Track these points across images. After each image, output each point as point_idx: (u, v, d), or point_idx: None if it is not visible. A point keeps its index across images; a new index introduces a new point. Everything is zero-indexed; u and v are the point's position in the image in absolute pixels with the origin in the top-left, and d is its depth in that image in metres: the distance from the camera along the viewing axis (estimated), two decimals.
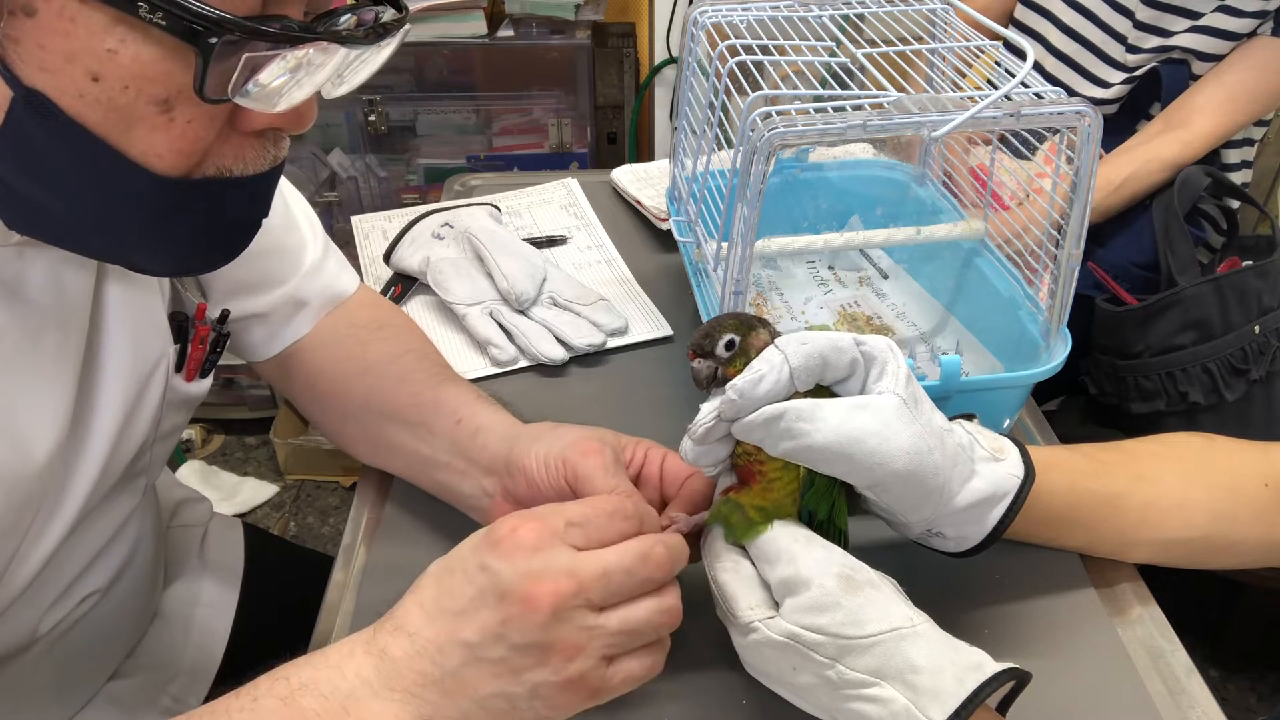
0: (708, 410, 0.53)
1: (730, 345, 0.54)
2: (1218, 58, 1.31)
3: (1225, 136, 1.31)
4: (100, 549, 0.70)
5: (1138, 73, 1.38)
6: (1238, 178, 1.41)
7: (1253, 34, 1.29)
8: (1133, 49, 1.38)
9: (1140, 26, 1.37)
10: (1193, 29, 1.31)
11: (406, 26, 0.50)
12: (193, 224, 0.51)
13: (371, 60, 0.49)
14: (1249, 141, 1.40)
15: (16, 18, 0.41)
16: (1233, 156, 1.40)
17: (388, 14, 0.50)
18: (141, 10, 0.40)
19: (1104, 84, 1.40)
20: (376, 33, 0.48)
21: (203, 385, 0.71)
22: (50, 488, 0.58)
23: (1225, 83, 1.30)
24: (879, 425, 0.51)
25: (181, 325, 0.68)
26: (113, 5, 0.40)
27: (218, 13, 0.41)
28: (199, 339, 0.69)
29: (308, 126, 0.51)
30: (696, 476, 0.61)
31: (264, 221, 0.73)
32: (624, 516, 0.49)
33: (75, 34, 0.41)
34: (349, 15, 0.48)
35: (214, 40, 0.42)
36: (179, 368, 0.68)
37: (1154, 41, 1.35)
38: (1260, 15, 1.27)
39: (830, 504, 0.56)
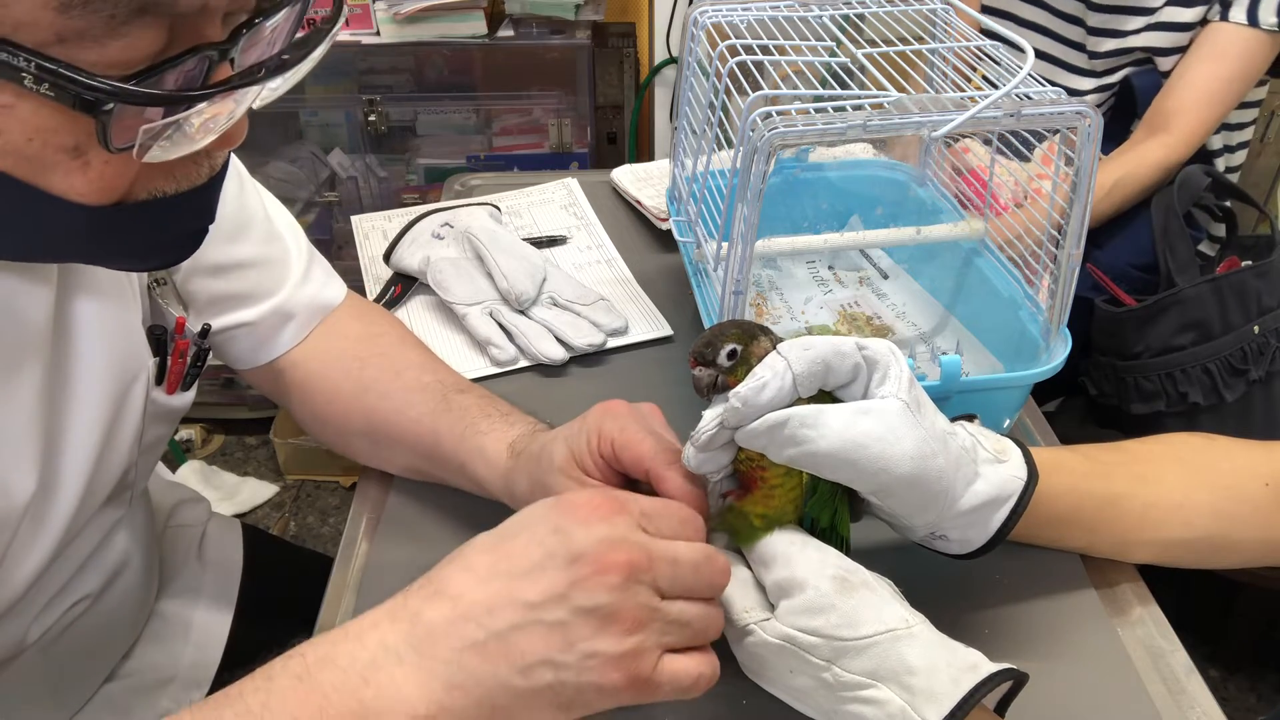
0: (710, 417, 0.53)
1: (732, 355, 0.53)
2: (1179, 50, 1.33)
3: (1208, 130, 1.34)
4: (87, 557, 0.69)
5: (1108, 79, 1.40)
6: (1220, 163, 1.43)
7: (1204, 22, 1.31)
8: (1093, 54, 1.40)
9: (1094, 31, 1.39)
10: (1149, 26, 1.34)
11: (336, 28, 0.47)
12: (133, 241, 0.50)
13: (302, 68, 0.46)
14: (1226, 127, 1.43)
15: None
16: (1216, 142, 1.42)
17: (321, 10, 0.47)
18: (26, 81, 0.38)
19: (1078, 93, 1.42)
20: (286, 64, 0.44)
21: (185, 398, 0.70)
22: (28, 513, 0.57)
23: (1191, 79, 1.32)
24: (883, 430, 0.51)
25: (160, 339, 0.66)
26: None
27: (106, 83, 0.39)
28: (178, 352, 0.67)
29: (239, 143, 0.49)
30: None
31: (245, 235, 0.73)
32: (695, 527, 0.49)
33: None
34: (284, 10, 0.45)
35: (108, 108, 0.40)
36: (159, 381, 0.67)
37: (1111, 44, 1.38)
38: (1207, 1, 1.29)
39: (833, 511, 0.56)
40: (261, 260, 0.74)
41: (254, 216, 0.74)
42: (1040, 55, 1.44)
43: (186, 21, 0.41)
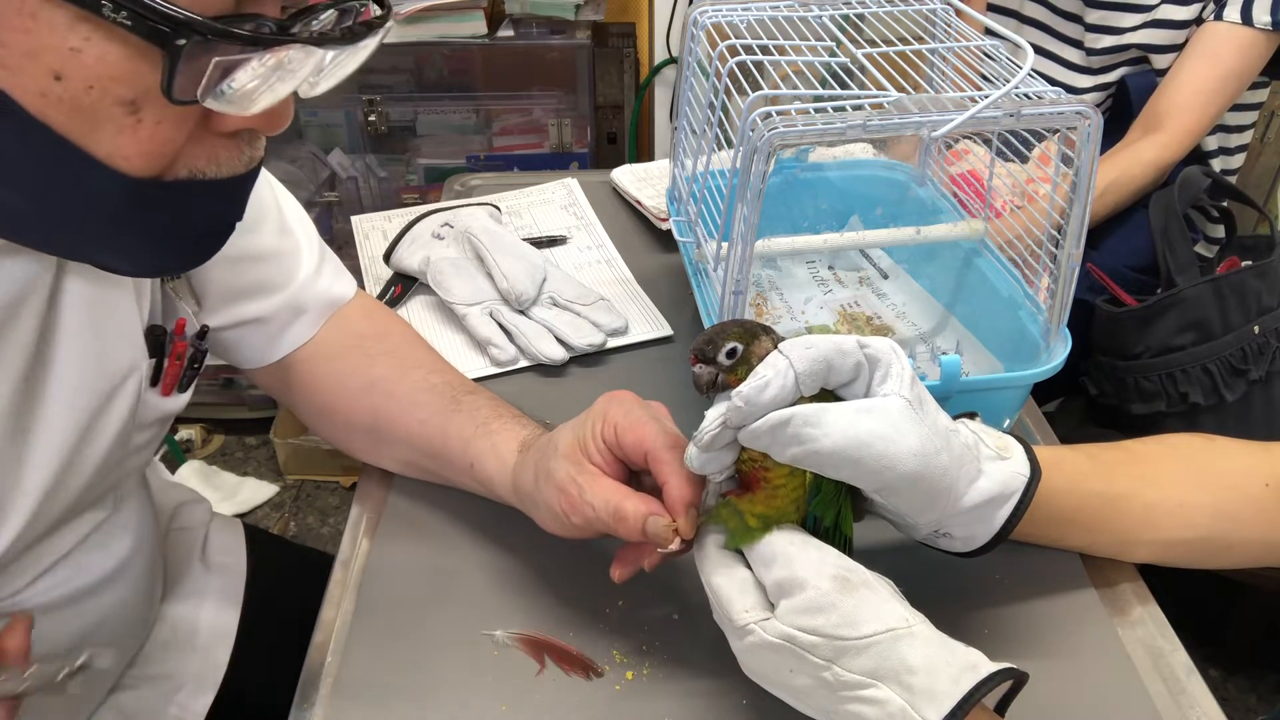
0: (713, 417, 0.53)
1: (732, 354, 0.53)
2: (1175, 47, 1.34)
3: (1203, 130, 1.35)
4: (81, 561, 0.67)
5: (1105, 78, 1.41)
6: (1216, 164, 1.44)
7: (1199, 20, 1.32)
8: (1090, 51, 1.41)
9: (1092, 28, 1.40)
10: (1145, 24, 1.35)
11: (389, 24, 0.48)
12: (163, 226, 0.50)
13: (350, 60, 0.48)
14: (1223, 129, 1.43)
15: None
16: (1211, 144, 1.42)
17: (371, 10, 0.48)
18: (105, 9, 0.39)
19: (1077, 91, 1.43)
20: (355, 33, 0.46)
21: (180, 400, 0.69)
22: None
23: (1185, 79, 1.33)
24: (886, 428, 0.51)
25: (159, 339, 0.65)
26: (75, 3, 0.39)
27: (185, 14, 0.40)
28: (176, 354, 0.67)
29: (284, 127, 0.49)
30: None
31: (259, 227, 0.72)
32: None
33: (37, 31, 0.40)
34: (330, 11, 0.47)
35: (181, 42, 0.40)
36: (155, 382, 0.66)
37: (1108, 40, 1.39)
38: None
39: (836, 510, 0.56)
40: (274, 252, 0.74)
41: (268, 208, 0.74)
42: (1040, 52, 1.45)
43: None
